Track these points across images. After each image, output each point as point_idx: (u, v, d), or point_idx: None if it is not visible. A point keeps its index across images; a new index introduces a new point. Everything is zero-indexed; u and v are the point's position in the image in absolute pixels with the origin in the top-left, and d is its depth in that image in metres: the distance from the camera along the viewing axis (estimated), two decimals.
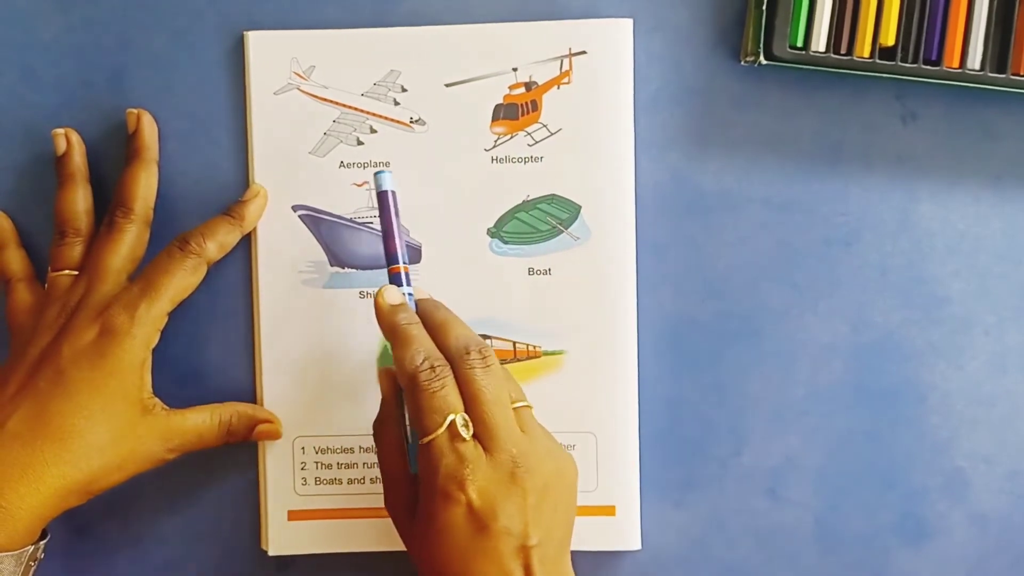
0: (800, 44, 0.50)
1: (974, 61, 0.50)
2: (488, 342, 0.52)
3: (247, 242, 0.53)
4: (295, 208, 0.52)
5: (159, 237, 0.51)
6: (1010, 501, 0.53)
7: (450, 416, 0.44)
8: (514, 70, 0.52)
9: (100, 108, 0.52)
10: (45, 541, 0.48)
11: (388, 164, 0.52)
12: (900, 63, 0.50)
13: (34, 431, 0.46)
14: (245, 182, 0.52)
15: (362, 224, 0.52)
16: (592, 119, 0.52)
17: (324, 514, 0.53)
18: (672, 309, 0.53)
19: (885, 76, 0.50)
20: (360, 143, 0.52)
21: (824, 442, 0.53)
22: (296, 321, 0.52)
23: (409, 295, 0.48)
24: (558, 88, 0.52)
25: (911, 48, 0.50)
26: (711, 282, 0.53)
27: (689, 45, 0.52)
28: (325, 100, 0.52)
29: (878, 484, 0.53)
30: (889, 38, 0.50)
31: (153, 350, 0.49)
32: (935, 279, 0.53)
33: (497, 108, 0.52)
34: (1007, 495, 0.53)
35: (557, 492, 0.46)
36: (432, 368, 0.45)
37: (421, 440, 0.45)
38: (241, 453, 0.53)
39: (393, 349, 0.46)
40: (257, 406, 0.52)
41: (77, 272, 0.50)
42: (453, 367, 0.45)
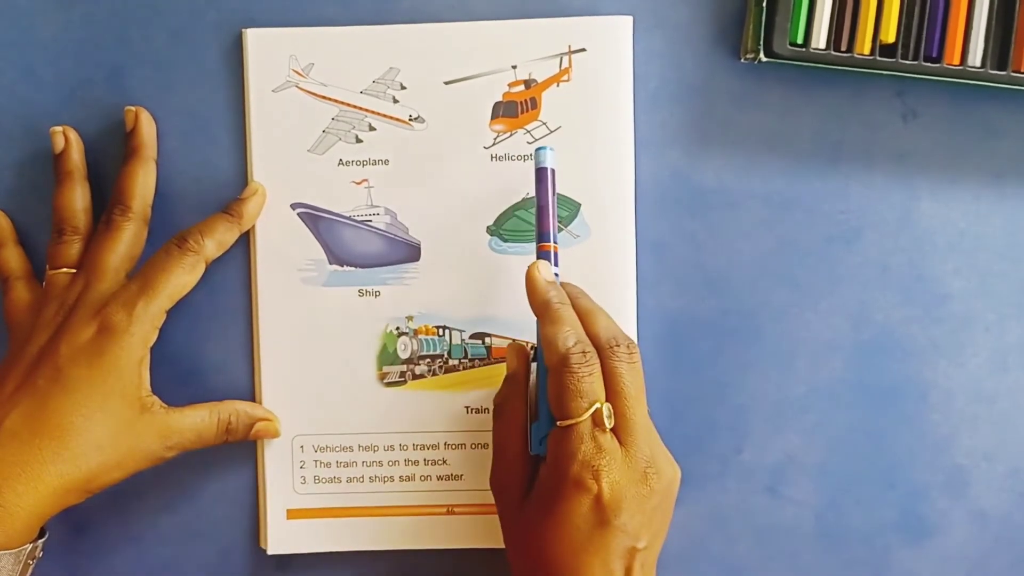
0: (800, 41, 0.50)
1: (975, 58, 0.50)
2: (487, 340, 0.52)
3: (246, 240, 0.52)
4: (294, 206, 0.52)
5: (157, 235, 0.51)
6: (1011, 499, 0.53)
7: (596, 404, 0.44)
8: (513, 68, 0.52)
9: (98, 106, 0.52)
10: (44, 539, 0.47)
11: (387, 162, 0.52)
12: (901, 60, 0.50)
13: (32, 429, 0.46)
14: (244, 180, 0.52)
15: (361, 222, 0.52)
16: (592, 117, 0.52)
17: (323, 513, 0.53)
18: (672, 307, 0.53)
19: (886, 73, 0.50)
20: (359, 141, 0.52)
21: (824, 440, 0.53)
22: (295, 319, 0.52)
23: (556, 275, 0.48)
24: (557, 86, 0.52)
25: (912, 45, 0.50)
26: (711, 280, 0.53)
27: (689, 42, 0.52)
28: (324, 98, 0.52)
29: (878, 482, 0.53)
30: (890, 35, 0.50)
31: (151, 348, 0.49)
32: (936, 277, 0.53)
33: (496, 106, 0.52)
34: (1008, 492, 0.53)
35: (670, 500, 0.46)
36: (584, 353, 0.44)
37: (560, 423, 0.44)
38: (240, 451, 0.53)
39: (544, 327, 0.46)
40: (256, 404, 0.52)
41: (75, 270, 0.50)
42: (600, 357, 0.45)
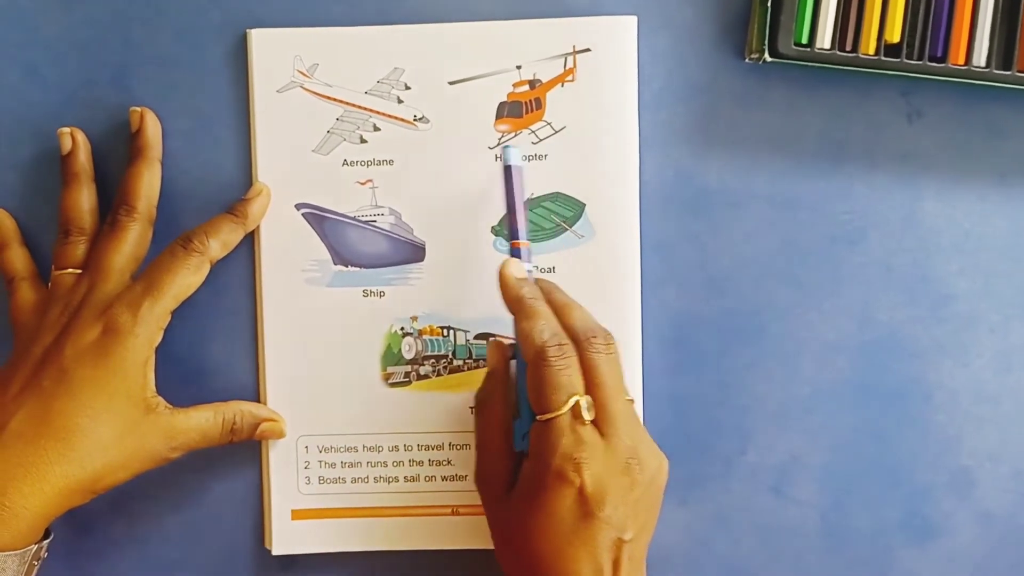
0: (805, 41, 0.50)
1: (980, 58, 0.50)
2: (491, 340, 0.52)
3: (250, 240, 0.52)
4: (298, 206, 0.52)
5: (162, 236, 0.51)
6: (1015, 499, 0.53)
7: (575, 397, 0.44)
8: (518, 68, 0.52)
9: (103, 106, 0.52)
10: (48, 540, 0.48)
11: (392, 162, 0.52)
12: (905, 60, 0.50)
13: (38, 430, 0.46)
14: (248, 180, 0.52)
15: (366, 222, 0.52)
16: (596, 117, 0.52)
17: (327, 513, 0.53)
18: (676, 307, 0.53)
19: (890, 73, 0.50)
20: (363, 141, 0.52)
21: (829, 440, 0.53)
22: (299, 320, 0.52)
23: (529, 272, 0.48)
24: (562, 86, 0.52)
25: (916, 45, 0.50)
26: (715, 280, 0.53)
27: (693, 42, 0.52)
28: (328, 98, 0.52)
29: (883, 482, 0.53)
30: (894, 35, 0.49)
31: (156, 349, 0.49)
32: (940, 277, 0.52)
33: (501, 106, 0.52)
34: (1012, 493, 0.53)
35: (655, 490, 0.46)
36: (560, 345, 0.44)
37: (540, 417, 0.44)
38: (244, 452, 0.53)
39: (519, 322, 0.46)
40: (260, 405, 0.52)
41: (80, 271, 0.50)
42: (578, 349, 0.45)
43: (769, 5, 0.49)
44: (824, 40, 0.50)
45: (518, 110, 0.52)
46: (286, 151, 0.52)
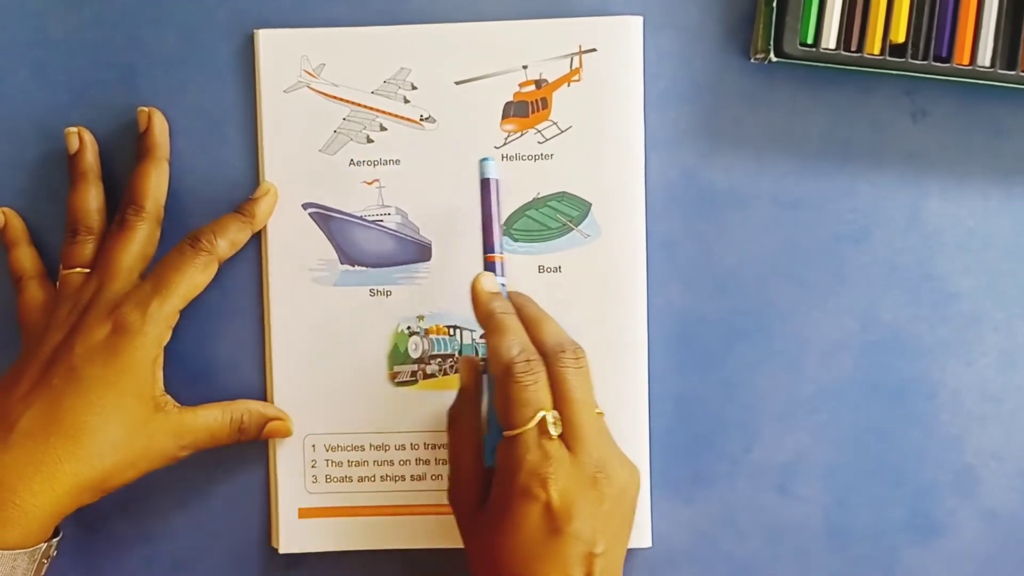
0: (810, 41, 0.50)
1: (984, 58, 0.50)
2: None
3: (257, 240, 0.53)
4: (305, 206, 0.52)
5: (170, 235, 0.51)
6: (1020, 497, 0.53)
7: (541, 412, 0.44)
8: (524, 68, 0.52)
9: (111, 106, 0.52)
10: (58, 539, 0.48)
11: (398, 162, 0.52)
12: (910, 60, 0.50)
13: (47, 429, 0.46)
14: (255, 180, 0.53)
15: (372, 222, 0.52)
16: (602, 116, 0.52)
17: (334, 512, 0.53)
18: (682, 306, 0.53)
19: (895, 73, 0.50)
20: (370, 141, 0.52)
21: (833, 439, 0.53)
22: (306, 319, 0.52)
23: (502, 285, 0.49)
24: (568, 86, 0.52)
25: (921, 45, 0.50)
26: (721, 279, 0.53)
27: (699, 42, 0.52)
28: (335, 98, 0.52)
29: (887, 481, 0.53)
30: (899, 35, 0.50)
31: (164, 348, 0.49)
32: (944, 276, 0.53)
33: (507, 106, 0.52)
34: (1016, 492, 0.53)
35: (626, 503, 0.46)
36: (527, 361, 0.44)
37: (507, 433, 0.44)
38: (251, 451, 0.53)
39: (488, 337, 0.46)
40: (268, 404, 0.52)
41: (89, 270, 0.50)
42: (547, 363, 0.45)
43: (774, 5, 0.49)
44: (829, 40, 0.50)
45: (524, 110, 0.52)
46: (293, 151, 0.52)
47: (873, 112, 0.52)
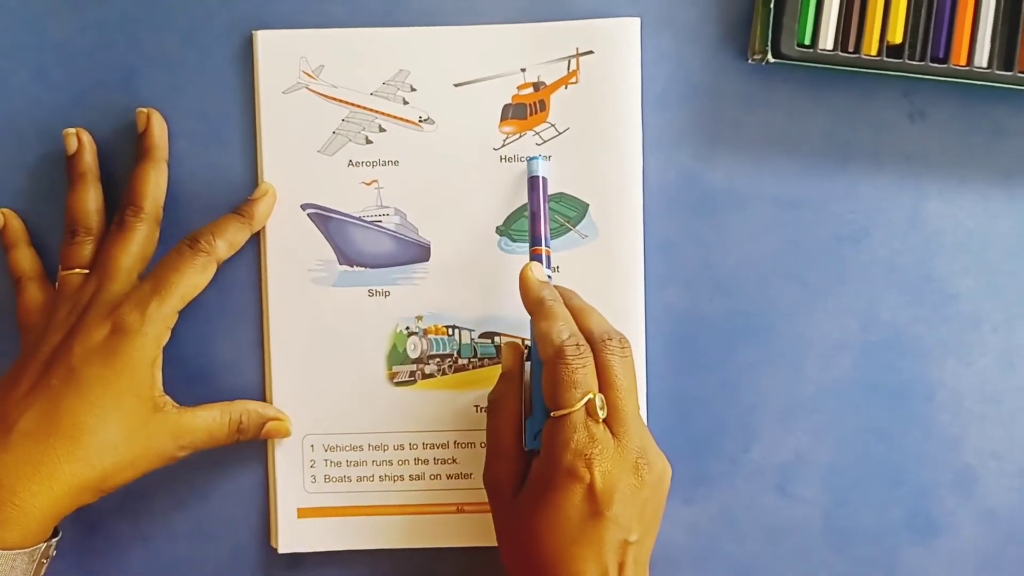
0: (808, 42, 0.50)
1: (981, 59, 0.50)
2: (497, 339, 0.52)
3: (256, 241, 0.53)
4: (304, 207, 0.53)
5: (169, 236, 0.51)
6: (1019, 497, 0.53)
7: (589, 395, 0.44)
8: (522, 70, 0.52)
9: (110, 107, 0.53)
10: (57, 539, 0.48)
11: (397, 163, 0.52)
12: (908, 61, 0.50)
13: (47, 429, 0.46)
14: (254, 181, 0.53)
15: (371, 223, 0.53)
16: (600, 118, 0.52)
17: (333, 512, 0.53)
18: (680, 307, 0.53)
19: (893, 74, 0.50)
20: (369, 142, 0.52)
21: (833, 439, 0.53)
22: (305, 319, 0.53)
23: (549, 277, 0.49)
24: (566, 88, 0.52)
25: (918, 46, 0.50)
26: (719, 280, 0.53)
27: (696, 44, 0.52)
28: (334, 99, 0.52)
29: (887, 481, 0.53)
30: (897, 36, 0.50)
31: (163, 348, 0.49)
32: (944, 276, 0.53)
33: (506, 108, 0.52)
34: (1016, 492, 0.53)
35: (661, 493, 0.47)
36: (577, 346, 0.45)
37: (554, 414, 0.45)
38: (251, 451, 0.53)
39: (538, 323, 0.47)
40: (267, 404, 0.53)
41: (88, 271, 0.50)
42: (594, 350, 0.46)
43: (772, 6, 0.50)
44: (827, 41, 0.50)
45: (522, 112, 0.52)
46: (292, 152, 0.52)
47: (871, 113, 0.52)
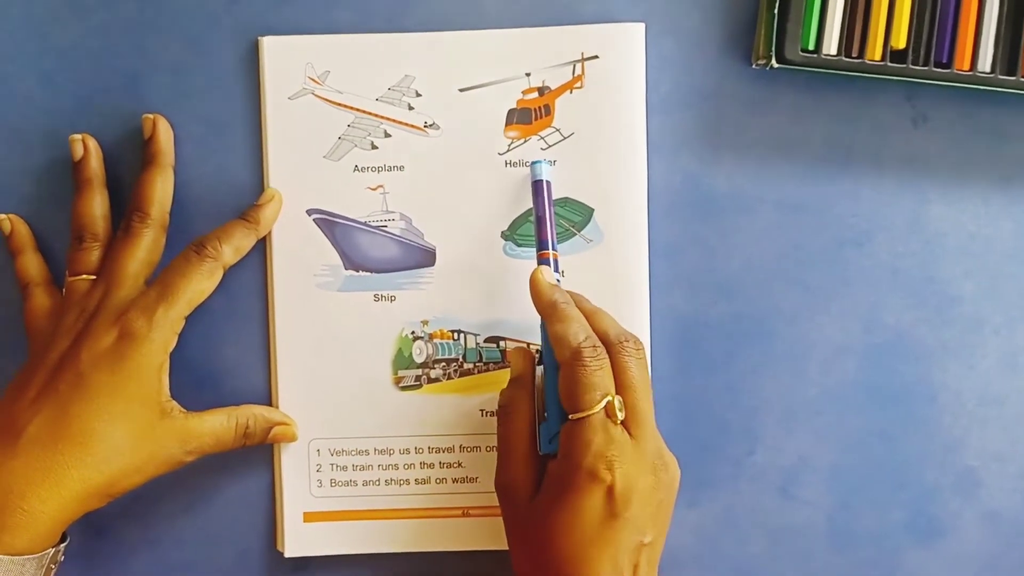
0: (812, 47, 0.50)
1: (984, 64, 0.50)
2: (502, 343, 0.53)
3: (262, 246, 0.53)
4: (310, 212, 0.53)
5: (175, 241, 0.51)
6: (1021, 499, 0.53)
7: (607, 396, 0.45)
8: (527, 75, 0.52)
9: (116, 113, 0.53)
10: (65, 544, 0.48)
11: (402, 168, 0.53)
12: (911, 66, 0.50)
13: (55, 435, 0.46)
14: (260, 186, 0.53)
15: (376, 227, 0.53)
16: (605, 123, 0.52)
17: (339, 516, 0.53)
18: (685, 310, 0.53)
19: (896, 79, 0.50)
20: (374, 147, 0.53)
21: (836, 441, 0.53)
22: (311, 324, 0.53)
23: (558, 280, 0.49)
24: (571, 92, 0.52)
25: (922, 51, 0.50)
26: (723, 283, 0.53)
27: (701, 49, 0.52)
28: (339, 105, 0.52)
29: (890, 483, 0.53)
30: (900, 41, 0.50)
31: (170, 353, 0.49)
32: (946, 279, 0.53)
33: (511, 113, 0.52)
34: (1018, 493, 0.53)
35: (672, 494, 0.47)
36: (594, 347, 0.45)
37: (572, 416, 0.45)
38: (257, 455, 0.53)
39: (552, 325, 0.47)
40: (273, 408, 0.53)
41: (95, 277, 0.50)
42: (610, 352, 0.46)
43: (776, 12, 0.50)
44: (830, 46, 0.50)
45: (527, 117, 0.52)
46: (297, 157, 0.52)
47: (874, 117, 0.52)
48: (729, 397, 0.53)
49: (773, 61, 0.50)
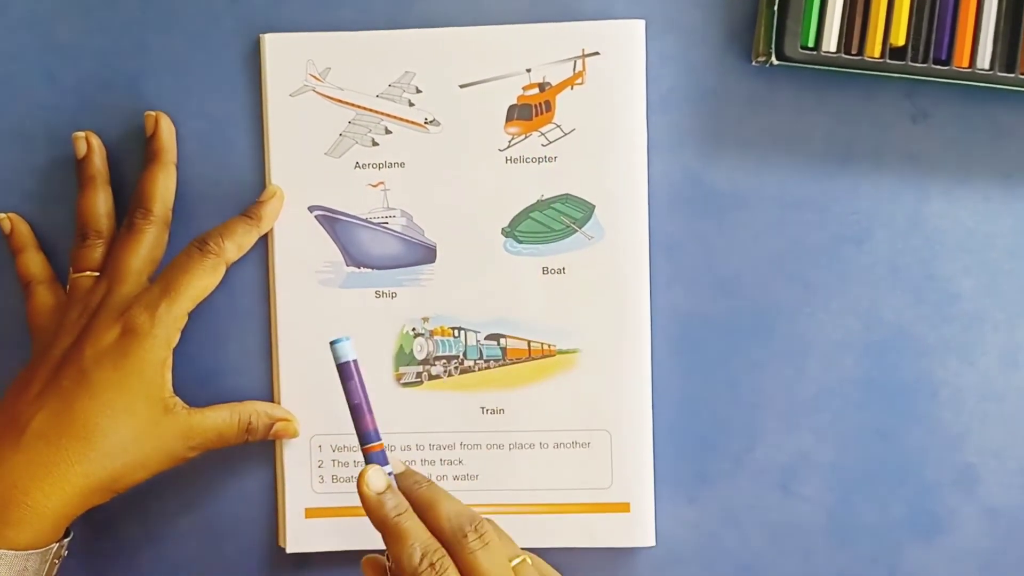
0: (811, 44, 0.50)
1: (983, 60, 0.50)
2: (503, 341, 0.53)
3: (264, 242, 0.53)
4: (311, 208, 0.53)
5: (178, 238, 0.52)
6: (1021, 495, 0.53)
7: None
8: (528, 71, 0.52)
9: (119, 111, 0.53)
10: (68, 539, 0.48)
11: (403, 165, 0.53)
12: (910, 63, 0.50)
13: (59, 430, 0.46)
14: (262, 183, 0.53)
15: (377, 224, 0.53)
16: (605, 119, 0.52)
17: (341, 512, 0.53)
18: (685, 307, 0.53)
19: (895, 76, 0.50)
20: (375, 144, 0.53)
21: (836, 438, 0.53)
22: (313, 321, 0.53)
23: (389, 474, 0.46)
24: (571, 89, 0.52)
25: (921, 48, 0.50)
26: (723, 280, 0.53)
27: (701, 46, 0.53)
28: (340, 101, 0.53)
29: (890, 479, 0.53)
30: (899, 38, 0.50)
31: (173, 350, 0.49)
32: (945, 276, 0.53)
33: (511, 109, 0.52)
34: (1018, 489, 0.53)
35: None
36: (432, 565, 0.43)
37: None
38: (259, 452, 0.54)
39: (388, 544, 0.44)
40: (275, 405, 0.53)
41: (98, 273, 0.51)
42: (451, 551, 0.43)
43: (776, 9, 0.50)
44: (830, 43, 0.50)
45: (528, 113, 0.52)
46: (299, 154, 0.53)
47: (874, 114, 0.53)
48: (729, 393, 0.53)
49: (773, 58, 0.50)
